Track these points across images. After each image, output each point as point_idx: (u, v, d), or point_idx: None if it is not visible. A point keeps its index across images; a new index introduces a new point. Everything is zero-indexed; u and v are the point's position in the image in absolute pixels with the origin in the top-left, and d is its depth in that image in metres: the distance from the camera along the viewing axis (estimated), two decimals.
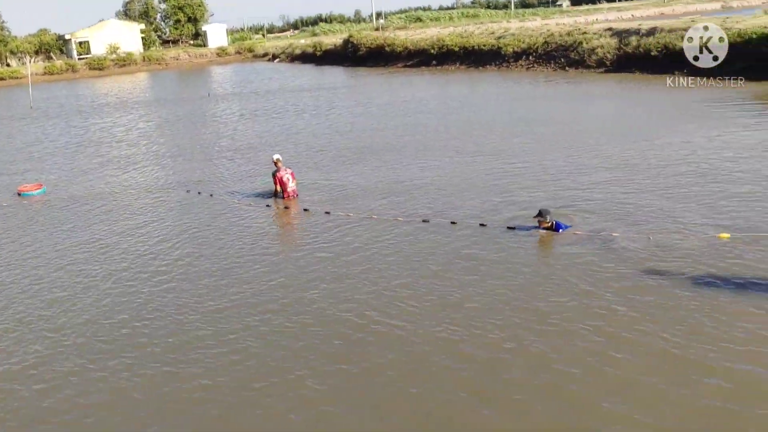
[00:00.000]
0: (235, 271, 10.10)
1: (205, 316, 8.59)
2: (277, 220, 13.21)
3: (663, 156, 14.75)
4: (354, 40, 49.41)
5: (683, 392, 6.17)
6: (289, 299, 8.92)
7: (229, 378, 7.07)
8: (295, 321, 8.26)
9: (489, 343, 7.33)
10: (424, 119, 23.09)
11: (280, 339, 7.84)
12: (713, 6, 77.60)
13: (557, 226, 10.43)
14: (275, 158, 14.26)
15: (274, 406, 6.52)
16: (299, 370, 7.11)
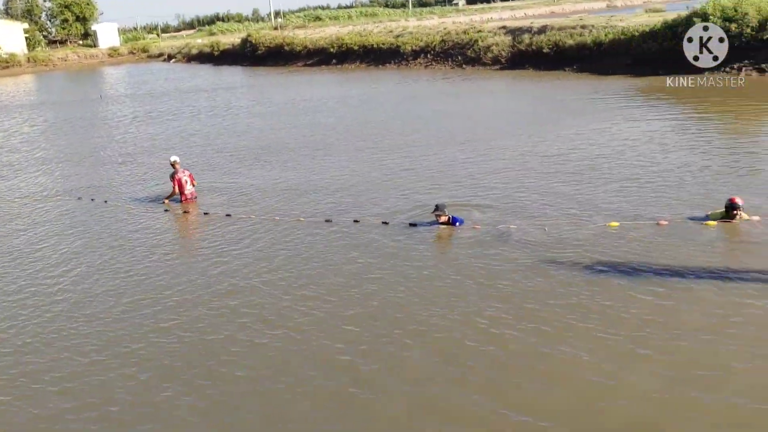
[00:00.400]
0: (134, 280, 9.67)
1: (98, 328, 8.19)
2: (176, 224, 12.78)
3: (555, 149, 15.28)
4: (252, 39, 48.58)
5: (573, 374, 6.38)
6: (190, 307, 8.63)
7: (126, 393, 6.78)
8: (198, 328, 8.01)
9: (391, 341, 7.34)
10: (324, 118, 22.97)
11: (181, 348, 7.58)
12: (599, 5, 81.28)
13: (454, 220, 10.62)
14: (173, 160, 13.80)
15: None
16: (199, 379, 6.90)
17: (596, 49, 28.74)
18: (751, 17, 23.71)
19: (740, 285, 7.85)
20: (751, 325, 6.98)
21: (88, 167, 17.95)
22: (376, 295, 8.50)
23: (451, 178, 13.62)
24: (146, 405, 6.56)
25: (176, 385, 6.83)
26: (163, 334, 7.92)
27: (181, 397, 6.65)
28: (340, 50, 41.48)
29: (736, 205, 9.56)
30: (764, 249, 8.84)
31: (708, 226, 9.64)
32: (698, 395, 5.95)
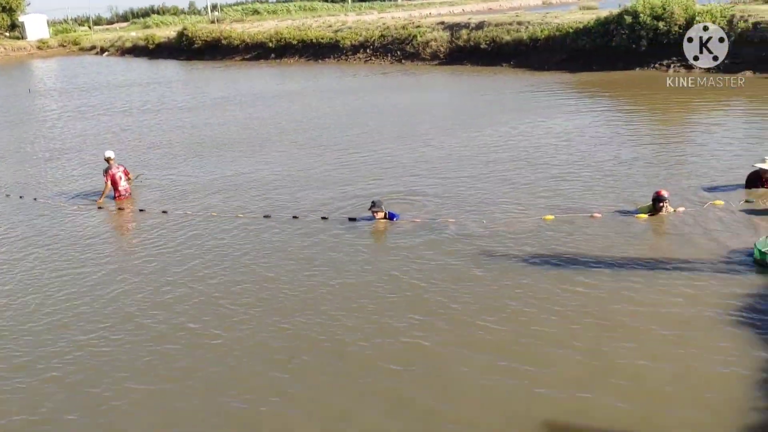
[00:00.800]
0: (67, 281, 9.35)
1: (23, 331, 7.90)
2: (111, 222, 12.40)
3: (492, 143, 15.48)
4: (189, 32, 47.50)
5: (500, 367, 6.49)
6: (125, 307, 8.41)
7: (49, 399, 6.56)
8: (130, 331, 7.81)
9: (327, 338, 7.31)
10: (262, 113, 22.69)
11: (112, 350, 7.39)
12: (535, 2, 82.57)
13: (390, 215, 10.68)
14: (108, 155, 13.39)
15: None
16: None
17: (532, 45, 29.21)
18: (678, 16, 24.50)
19: (666, 276, 8.09)
20: (675, 316, 7.19)
21: (15, 164, 17.28)
22: (314, 290, 8.44)
23: (389, 173, 13.64)
24: (74, 409, 6.36)
25: (104, 390, 6.65)
26: (93, 336, 7.69)
27: (110, 401, 6.48)
28: (279, 45, 41.02)
29: (662, 197, 9.87)
30: (687, 240, 9.12)
31: (638, 219, 9.92)
32: (626, 386, 6.11)
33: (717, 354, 6.44)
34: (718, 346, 6.57)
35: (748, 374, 6.09)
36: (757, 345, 6.51)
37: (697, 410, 5.71)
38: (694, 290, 7.66)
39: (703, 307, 7.28)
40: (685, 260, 8.44)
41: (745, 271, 8.08)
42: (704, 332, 6.84)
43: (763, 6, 26.57)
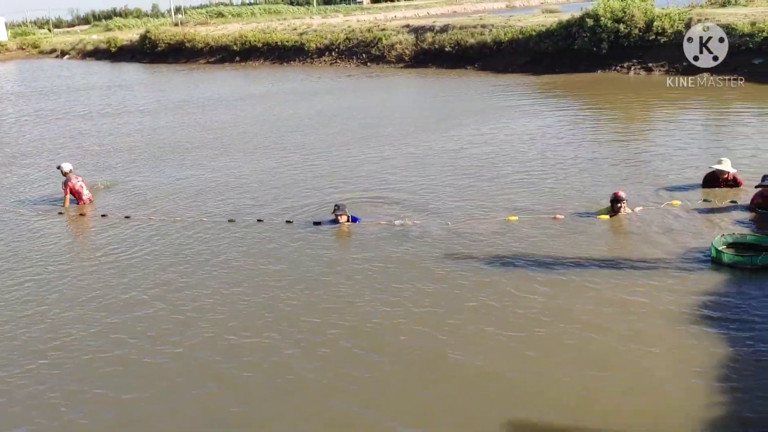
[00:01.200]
0: (27, 288, 9.15)
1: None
2: (72, 228, 12.17)
3: (457, 145, 15.56)
4: (152, 35, 46.97)
5: (463, 365, 6.53)
6: (83, 314, 8.27)
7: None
8: (88, 336, 7.68)
9: (291, 341, 7.27)
10: (226, 116, 22.52)
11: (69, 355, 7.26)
12: (499, 5, 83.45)
13: (353, 218, 10.69)
14: (65, 169, 13.05)
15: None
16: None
17: (496, 48, 29.48)
18: (638, 19, 24.96)
19: (625, 275, 8.21)
20: (635, 314, 7.30)
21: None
22: (276, 296, 8.38)
23: (354, 175, 13.64)
24: (32, 416, 6.24)
25: (60, 397, 6.53)
26: (50, 344, 7.54)
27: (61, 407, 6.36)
28: (244, 48, 40.81)
29: (620, 198, 10.02)
30: (646, 240, 9.26)
31: (599, 220, 10.05)
32: (587, 382, 6.19)
33: (676, 350, 6.55)
34: (677, 342, 6.69)
35: (707, 370, 6.20)
36: (715, 341, 6.63)
37: (657, 405, 5.79)
38: (653, 288, 7.78)
39: (662, 305, 7.40)
40: (645, 259, 8.58)
41: (703, 269, 8.24)
42: (663, 329, 6.95)
43: (718, 10, 27.20)
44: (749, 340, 6.59)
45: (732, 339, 6.63)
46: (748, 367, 6.19)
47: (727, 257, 8.24)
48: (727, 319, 7.02)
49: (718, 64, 22.95)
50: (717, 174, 11.01)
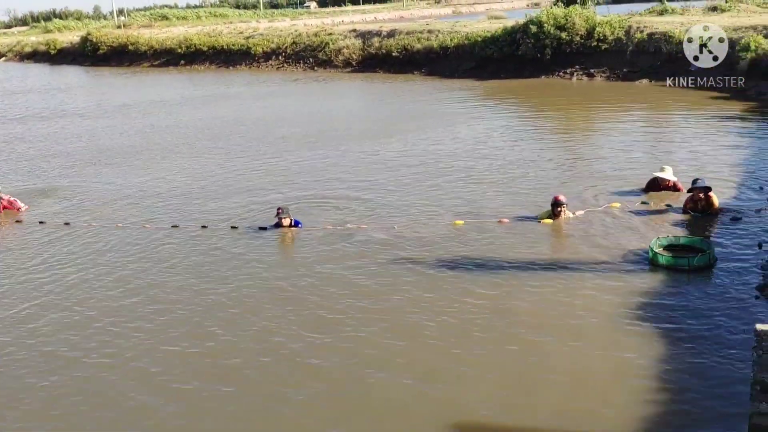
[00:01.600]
0: None
1: None
2: (8, 235, 11.75)
3: (403, 150, 15.63)
4: (93, 38, 45.92)
5: (399, 364, 6.56)
6: (16, 322, 8.00)
7: None
8: (18, 345, 7.43)
9: (232, 345, 7.19)
10: (169, 120, 22.17)
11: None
12: (445, 11, 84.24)
13: (296, 223, 10.65)
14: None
15: None
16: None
17: (442, 53, 29.75)
18: (580, 26, 25.53)
19: (567, 277, 8.36)
20: (576, 314, 7.43)
21: None
22: (225, 302, 8.28)
23: (300, 180, 13.56)
24: None
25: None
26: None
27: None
28: (189, 51, 40.24)
29: (560, 202, 10.21)
30: (587, 242, 9.43)
31: (542, 223, 10.21)
32: (531, 382, 6.28)
33: (616, 350, 6.68)
34: (617, 342, 6.83)
35: (646, 369, 6.34)
36: (654, 340, 6.80)
37: (597, 404, 5.90)
38: (594, 290, 7.94)
39: (602, 306, 7.55)
40: (585, 261, 8.75)
41: (641, 270, 8.45)
42: (604, 329, 7.09)
43: (656, 18, 28.04)
44: (687, 339, 6.77)
45: (670, 338, 6.81)
46: (685, 365, 6.36)
47: (665, 259, 8.46)
48: (665, 318, 7.21)
49: (655, 72, 23.73)
50: (659, 181, 11.29)
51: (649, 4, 33.78)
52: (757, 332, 4.91)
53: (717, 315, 7.22)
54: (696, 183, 10.33)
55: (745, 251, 8.82)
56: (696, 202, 10.19)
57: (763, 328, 4.89)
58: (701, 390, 5.97)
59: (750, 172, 12.27)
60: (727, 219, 9.96)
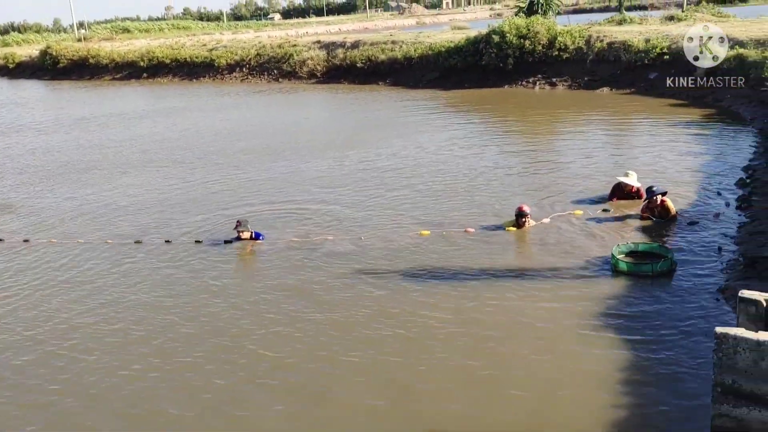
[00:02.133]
0: None
1: None
2: None
3: (368, 160, 15.62)
4: (53, 51, 45.22)
5: (366, 368, 6.53)
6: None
7: None
8: None
9: (193, 361, 7.09)
10: (129, 133, 21.90)
11: None
12: (409, 22, 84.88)
13: (257, 235, 10.57)
14: None
15: None
16: None
17: (406, 64, 29.93)
18: (542, 36, 25.88)
19: (532, 285, 8.41)
20: (541, 321, 7.48)
21: None
22: (174, 323, 8.15)
23: (264, 191, 13.48)
24: None
25: None
26: None
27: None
28: (152, 64, 39.88)
29: (524, 213, 10.30)
30: (551, 250, 9.52)
31: (507, 232, 10.27)
32: (496, 389, 6.29)
33: (580, 357, 6.72)
34: (580, 348, 6.87)
35: (609, 373, 6.39)
36: (616, 345, 6.86)
37: (563, 412, 5.93)
38: (558, 298, 7.98)
39: (566, 314, 7.59)
40: (550, 269, 8.80)
41: (604, 277, 8.53)
42: (567, 337, 7.12)
43: (615, 27, 28.57)
44: (650, 345, 6.83)
45: (633, 344, 6.87)
46: (649, 371, 6.41)
47: (629, 266, 8.55)
48: (628, 325, 7.26)
49: (616, 80, 24.16)
50: (623, 186, 11.43)
51: (607, 14, 34.44)
52: (717, 335, 4.99)
53: (680, 319, 7.32)
54: (651, 190, 10.49)
55: (705, 255, 8.97)
56: (652, 209, 10.36)
57: (722, 331, 4.97)
58: (664, 394, 6.03)
59: (708, 177, 12.51)
60: (684, 224, 10.13)
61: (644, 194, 11.18)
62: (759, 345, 4.82)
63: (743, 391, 4.94)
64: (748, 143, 15.01)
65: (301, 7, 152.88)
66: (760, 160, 13.24)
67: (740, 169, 12.84)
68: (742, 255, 8.65)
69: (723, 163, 13.44)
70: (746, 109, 18.75)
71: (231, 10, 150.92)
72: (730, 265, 8.54)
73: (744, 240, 9.20)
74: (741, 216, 10.30)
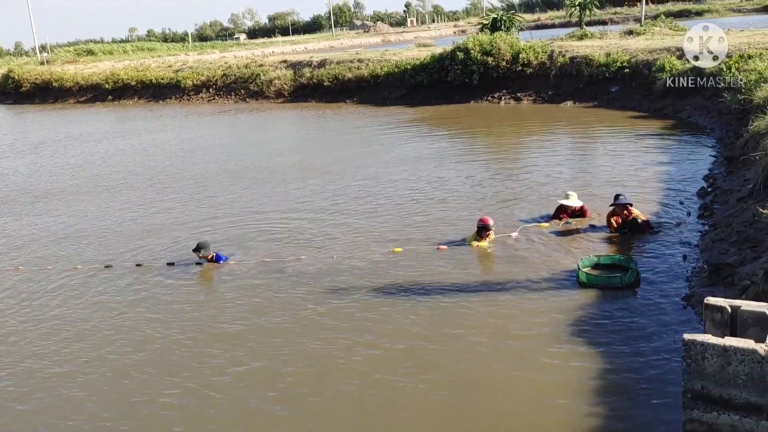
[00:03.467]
0: None
1: None
2: None
3: (338, 179, 15.66)
4: (15, 75, 44.69)
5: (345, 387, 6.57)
6: None
7: None
8: None
9: (169, 385, 7.04)
10: (92, 158, 21.73)
11: None
12: (375, 40, 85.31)
13: (218, 257, 10.58)
14: None
15: None
16: None
17: (373, 82, 30.18)
18: (505, 51, 26.29)
19: (502, 299, 8.50)
20: (510, 338, 7.52)
21: None
22: (151, 342, 8.12)
23: (232, 213, 13.44)
24: None
25: None
26: None
27: None
28: (117, 86, 39.62)
29: (488, 226, 10.38)
30: (520, 264, 9.62)
31: (476, 247, 10.35)
32: (463, 409, 6.34)
33: (549, 370, 6.77)
34: (550, 362, 6.91)
35: (579, 385, 6.46)
36: (585, 357, 6.93)
37: (534, 425, 6.01)
38: (526, 312, 8.02)
39: (534, 327, 7.64)
40: (518, 284, 8.83)
41: (570, 289, 8.60)
42: (537, 350, 7.15)
43: (577, 42, 29.16)
44: (619, 355, 6.93)
45: (602, 355, 6.96)
46: (619, 381, 6.51)
47: (598, 279, 8.63)
48: (597, 336, 7.35)
49: (578, 94, 24.61)
50: (565, 207, 11.46)
51: (569, 29, 35.06)
52: (685, 341, 5.11)
53: (647, 328, 7.44)
54: (618, 199, 10.61)
55: (670, 264, 9.16)
56: (623, 219, 10.46)
57: (690, 338, 5.09)
58: (635, 404, 6.12)
59: (670, 186, 12.79)
60: (647, 233, 10.32)
61: (588, 211, 11.31)
62: (725, 350, 4.94)
63: (712, 396, 5.05)
64: (707, 153, 15.39)
65: (266, 26, 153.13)
66: (719, 168, 13.59)
67: (701, 178, 13.16)
68: (706, 262, 8.85)
69: (684, 173, 13.74)
70: (705, 119, 19.24)
71: (196, 30, 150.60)
72: (695, 272, 8.73)
73: (707, 247, 9.42)
74: (703, 224, 10.54)
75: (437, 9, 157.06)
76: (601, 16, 61.00)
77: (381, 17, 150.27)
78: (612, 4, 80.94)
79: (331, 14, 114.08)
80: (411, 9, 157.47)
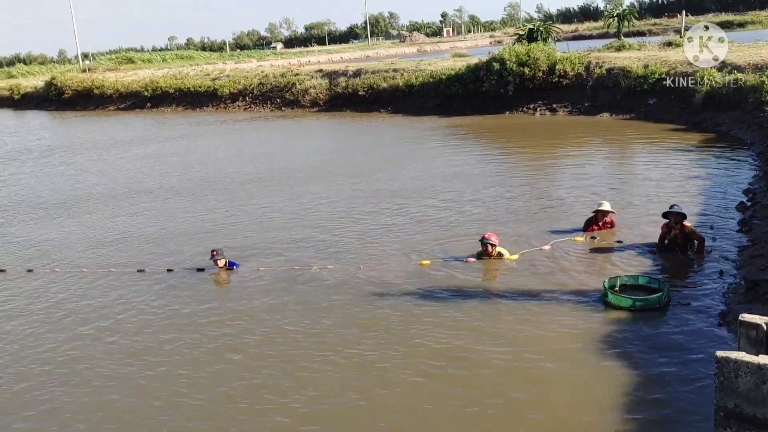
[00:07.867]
0: None
1: None
2: None
3: (369, 190, 15.64)
4: (57, 82, 45.78)
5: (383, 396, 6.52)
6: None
7: None
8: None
9: (182, 386, 7.09)
10: (130, 164, 22.12)
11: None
12: (410, 50, 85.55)
13: (230, 264, 10.68)
14: None
15: None
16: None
17: (408, 92, 30.19)
18: (542, 62, 26.11)
19: (533, 313, 8.40)
20: (535, 354, 7.42)
21: None
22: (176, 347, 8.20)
23: (263, 221, 13.53)
24: None
25: None
26: None
27: None
28: (155, 93, 40.31)
29: (489, 241, 10.18)
30: (547, 280, 9.41)
31: (509, 260, 10.22)
32: (483, 424, 6.26)
33: (581, 389, 6.67)
34: (582, 381, 6.81)
35: (611, 402, 6.34)
36: (618, 375, 6.79)
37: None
38: (557, 330, 7.87)
39: (565, 344, 7.53)
40: (548, 300, 8.69)
41: (598, 303, 8.45)
42: (567, 369, 7.03)
43: (614, 54, 28.80)
44: (652, 373, 6.79)
45: (636, 373, 6.81)
46: (651, 399, 6.36)
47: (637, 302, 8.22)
48: (630, 355, 7.19)
49: (615, 106, 24.31)
50: (594, 220, 11.20)
51: (606, 40, 34.68)
52: (718, 359, 4.98)
53: (681, 344, 7.28)
54: (672, 208, 10.11)
55: (705, 279, 8.96)
56: (673, 238, 9.90)
57: (723, 355, 4.96)
58: (668, 421, 5.99)
59: (708, 200, 12.52)
60: (699, 256, 9.80)
61: (616, 224, 11.08)
62: (760, 368, 4.80)
63: (745, 415, 4.91)
64: (747, 167, 15.05)
65: (303, 36, 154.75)
66: (760, 183, 13.27)
67: (741, 192, 12.87)
68: (743, 278, 8.63)
69: (724, 187, 13.45)
70: (745, 132, 18.83)
71: (234, 39, 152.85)
72: (732, 288, 8.51)
73: (745, 263, 9.19)
74: (742, 239, 10.28)
75: (474, 19, 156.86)
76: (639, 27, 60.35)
77: (417, 27, 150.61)
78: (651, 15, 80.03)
79: (367, 24, 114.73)
80: (447, 19, 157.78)
